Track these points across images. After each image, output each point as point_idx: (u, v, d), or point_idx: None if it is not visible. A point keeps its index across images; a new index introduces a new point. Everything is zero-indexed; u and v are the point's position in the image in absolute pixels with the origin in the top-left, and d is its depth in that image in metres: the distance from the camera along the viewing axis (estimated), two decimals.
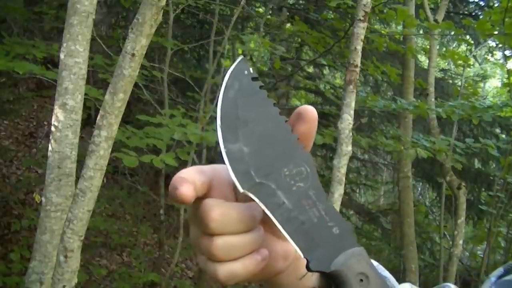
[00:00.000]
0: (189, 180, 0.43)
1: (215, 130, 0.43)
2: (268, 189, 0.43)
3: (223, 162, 0.43)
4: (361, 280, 0.42)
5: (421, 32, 6.11)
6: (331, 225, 0.43)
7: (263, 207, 0.42)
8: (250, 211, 0.44)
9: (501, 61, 8.37)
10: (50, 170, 1.89)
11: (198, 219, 0.44)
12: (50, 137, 1.91)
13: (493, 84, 13.14)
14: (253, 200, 0.43)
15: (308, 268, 0.43)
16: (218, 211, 0.43)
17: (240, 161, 0.42)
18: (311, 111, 0.46)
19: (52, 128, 1.89)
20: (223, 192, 0.46)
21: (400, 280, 0.62)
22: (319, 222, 0.43)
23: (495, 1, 6.26)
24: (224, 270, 0.43)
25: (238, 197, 0.46)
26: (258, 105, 0.44)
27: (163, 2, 1.71)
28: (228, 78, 0.44)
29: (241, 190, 0.42)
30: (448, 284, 0.64)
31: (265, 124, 0.44)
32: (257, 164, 0.43)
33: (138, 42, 1.71)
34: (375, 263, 0.54)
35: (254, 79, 0.45)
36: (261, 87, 0.45)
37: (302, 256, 0.43)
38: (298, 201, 0.43)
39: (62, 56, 1.86)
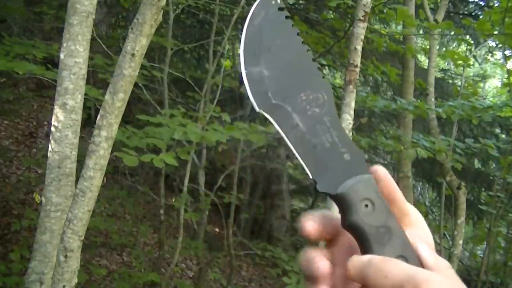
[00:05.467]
0: (315, 219, 0.44)
1: (238, 55, 0.44)
2: (284, 111, 0.44)
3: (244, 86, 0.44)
4: (366, 205, 0.42)
5: (421, 32, 6.11)
6: (343, 151, 0.44)
7: (277, 127, 0.43)
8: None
9: (501, 61, 8.37)
10: (50, 170, 1.89)
11: None
12: (50, 137, 1.91)
13: (493, 84, 13.14)
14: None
15: (315, 189, 0.44)
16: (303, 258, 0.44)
17: (259, 83, 0.44)
18: (380, 170, 0.46)
19: (52, 128, 1.89)
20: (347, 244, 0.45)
21: None
22: (331, 147, 0.44)
23: (495, 1, 6.26)
24: None
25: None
26: (282, 33, 0.45)
27: (163, 2, 1.71)
28: (255, 7, 0.45)
29: (257, 109, 0.43)
30: None
31: (287, 51, 0.45)
32: (275, 87, 0.44)
33: (138, 42, 1.71)
34: None
35: (280, 9, 0.46)
36: (287, 17, 0.46)
37: (311, 176, 0.43)
38: (312, 126, 0.44)
39: (62, 56, 1.86)
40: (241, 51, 0.44)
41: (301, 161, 0.43)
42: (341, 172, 0.43)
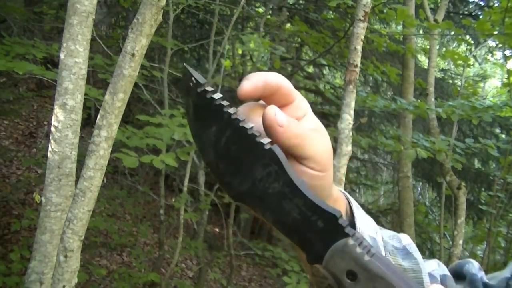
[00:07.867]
0: (253, 81, 0.43)
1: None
2: (252, 197, 0.42)
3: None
4: (349, 277, 0.40)
5: (421, 32, 6.12)
6: (314, 219, 0.41)
7: (255, 214, 0.43)
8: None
9: (501, 61, 8.37)
10: (50, 170, 1.89)
11: None
12: (50, 137, 1.91)
13: (493, 84, 13.15)
14: None
15: (308, 261, 0.42)
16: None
17: (222, 175, 0.43)
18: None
19: (52, 128, 1.89)
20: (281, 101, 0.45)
21: None
22: (302, 219, 0.41)
23: (495, 1, 6.26)
24: None
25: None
26: (211, 117, 0.42)
27: (163, 2, 1.71)
28: (182, 97, 0.44)
29: (234, 202, 0.43)
30: (470, 260, 0.63)
31: (224, 135, 0.42)
32: (234, 179, 0.42)
33: (138, 42, 1.71)
34: (435, 262, 0.53)
35: (200, 87, 0.42)
36: (212, 98, 0.42)
37: (301, 250, 0.42)
38: (279, 204, 0.41)
39: (62, 56, 1.86)
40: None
41: (287, 239, 0.42)
42: (321, 242, 0.41)
